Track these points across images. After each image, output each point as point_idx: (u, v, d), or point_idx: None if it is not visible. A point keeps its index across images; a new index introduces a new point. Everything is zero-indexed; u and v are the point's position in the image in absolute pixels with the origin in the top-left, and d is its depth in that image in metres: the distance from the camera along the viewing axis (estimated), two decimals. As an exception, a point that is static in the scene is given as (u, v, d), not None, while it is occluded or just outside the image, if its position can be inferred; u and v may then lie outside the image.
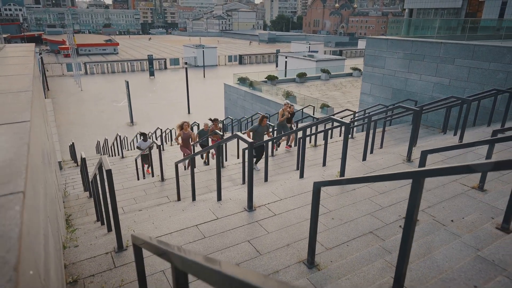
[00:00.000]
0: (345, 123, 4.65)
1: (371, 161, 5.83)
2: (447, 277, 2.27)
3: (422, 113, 7.22)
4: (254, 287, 0.70)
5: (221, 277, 0.87)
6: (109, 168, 2.99)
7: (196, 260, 1.04)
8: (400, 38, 12.45)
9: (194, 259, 1.05)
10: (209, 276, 0.94)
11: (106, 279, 2.87)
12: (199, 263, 1.01)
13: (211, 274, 0.93)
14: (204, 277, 1.00)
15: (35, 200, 1.57)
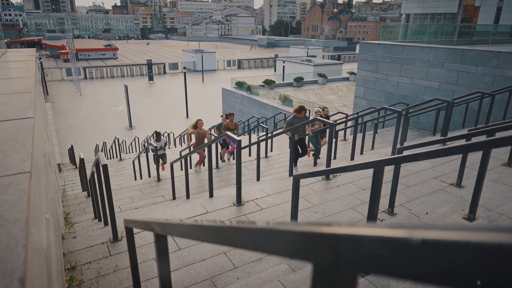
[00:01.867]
0: (330, 123, 4.91)
1: (358, 161, 6.08)
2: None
3: (409, 115, 7.48)
4: (207, 227, 0.95)
5: (188, 229, 1.12)
6: (105, 163, 3.23)
7: (171, 223, 1.28)
8: (391, 43, 12.76)
9: (169, 222, 1.30)
10: (181, 231, 1.19)
11: (101, 265, 3.10)
12: (173, 224, 1.26)
13: (181, 229, 1.18)
14: (177, 233, 1.25)
15: (38, 180, 1.81)
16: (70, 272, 3.04)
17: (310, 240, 0.52)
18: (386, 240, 0.40)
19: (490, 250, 0.31)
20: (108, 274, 3.00)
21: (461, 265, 0.32)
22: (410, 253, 0.37)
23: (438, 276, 0.35)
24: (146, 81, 47.91)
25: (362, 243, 0.43)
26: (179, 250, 3.39)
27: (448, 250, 0.33)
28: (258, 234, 0.67)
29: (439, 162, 5.61)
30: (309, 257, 0.52)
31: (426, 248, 0.36)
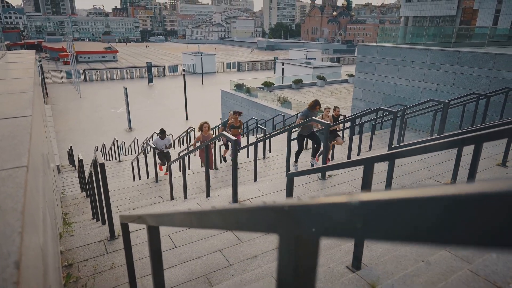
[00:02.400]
0: (325, 123, 4.97)
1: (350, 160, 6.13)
2: (400, 254, 2.56)
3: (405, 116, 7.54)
4: (191, 213, 1.00)
5: (175, 217, 1.17)
6: (102, 162, 3.28)
7: (161, 214, 1.34)
8: (389, 45, 12.84)
9: (159, 213, 1.36)
10: (169, 220, 1.24)
11: (98, 263, 3.15)
12: (162, 214, 1.31)
13: (170, 218, 1.23)
14: (166, 223, 1.30)
15: (35, 175, 1.87)
16: (67, 269, 3.08)
17: (274, 215, 0.57)
18: (334, 206, 0.45)
19: (410, 204, 0.37)
20: (105, 271, 3.05)
21: (385, 220, 0.38)
22: (353, 213, 0.43)
23: (374, 230, 0.40)
24: (146, 83, 48.01)
25: (316, 211, 0.49)
26: (175, 248, 3.44)
27: (376, 208, 0.39)
28: (233, 215, 0.72)
29: (434, 162, 5.67)
30: (274, 229, 0.58)
31: (363, 207, 0.41)
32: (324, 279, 2.42)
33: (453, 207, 0.33)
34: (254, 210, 0.64)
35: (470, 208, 0.31)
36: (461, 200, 0.32)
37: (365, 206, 0.41)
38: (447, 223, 0.33)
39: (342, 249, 2.96)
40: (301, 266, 0.54)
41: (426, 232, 0.36)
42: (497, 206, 0.29)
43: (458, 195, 0.32)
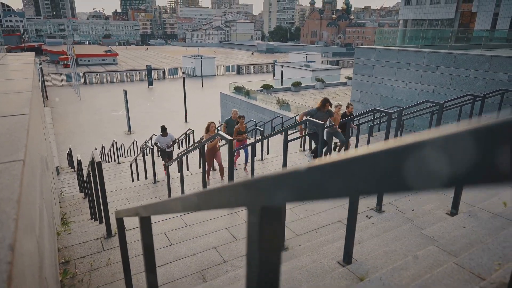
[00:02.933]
0: (319, 123, 5.03)
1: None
2: (390, 249, 2.62)
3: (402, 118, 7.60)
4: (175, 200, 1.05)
5: (162, 205, 1.23)
6: (99, 161, 3.34)
7: (150, 204, 1.39)
8: (386, 47, 12.93)
9: (149, 204, 1.41)
10: (158, 208, 1.30)
11: (94, 259, 3.20)
12: (152, 204, 1.36)
13: (158, 207, 1.29)
14: (156, 212, 1.35)
15: (32, 169, 1.92)
16: (64, 266, 3.13)
17: (243, 190, 0.63)
18: (290, 175, 0.51)
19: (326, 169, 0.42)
20: (101, 267, 3.10)
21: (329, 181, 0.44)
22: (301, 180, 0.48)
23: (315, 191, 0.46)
24: (146, 86, 48.12)
25: (275, 183, 0.55)
26: (171, 245, 3.48)
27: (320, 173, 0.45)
28: (209, 195, 0.78)
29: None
30: (244, 203, 0.64)
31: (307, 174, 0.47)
32: (315, 273, 2.47)
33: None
34: (227, 188, 0.69)
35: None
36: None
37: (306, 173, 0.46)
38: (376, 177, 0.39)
39: (335, 245, 3.01)
40: (267, 233, 0.60)
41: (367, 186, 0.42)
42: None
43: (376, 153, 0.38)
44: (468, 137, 0.31)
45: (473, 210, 3.15)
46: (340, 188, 0.42)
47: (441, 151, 0.33)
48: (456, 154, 0.32)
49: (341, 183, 0.42)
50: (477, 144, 0.30)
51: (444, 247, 2.38)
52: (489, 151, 0.29)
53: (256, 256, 0.61)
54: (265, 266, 0.62)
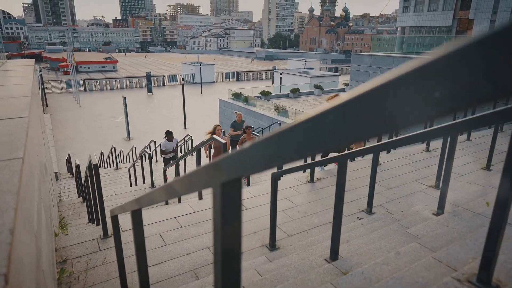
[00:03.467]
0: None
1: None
2: (375, 247, 2.72)
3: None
4: (159, 190, 1.16)
5: (149, 196, 1.34)
6: (96, 163, 3.44)
7: (140, 197, 1.50)
8: (381, 54, 13.12)
9: (138, 198, 1.52)
10: (146, 200, 1.41)
11: (91, 258, 3.29)
12: (141, 197, 1.47)
13: (146, 199, 1.40)
14: (145, 204, 1.46)
15: (30, 168, 2.03)
16: (61, 265, 3.22)
17: (208, 171, 0.74)
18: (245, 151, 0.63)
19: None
20: (97, 266, 3.19)
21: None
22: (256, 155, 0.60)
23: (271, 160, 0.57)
24: (145, 93, 48.35)
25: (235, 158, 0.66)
26: (166, 245, 3.58)
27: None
28: (184, 180, 0.89)
29: (420, 166, 5.83)
30: (209, 183, 0.75)
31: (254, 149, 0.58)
32: (302, 269, 2.57)
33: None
34: (195, 172, 0.81)
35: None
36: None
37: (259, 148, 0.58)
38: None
39: (324, 244, 3.11)
40: (229, 206, 0.71)
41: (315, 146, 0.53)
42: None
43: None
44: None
45: (457, 210, 3.26)
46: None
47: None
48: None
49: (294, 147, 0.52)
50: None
51: (426, 244, 2.48)
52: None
53: (219, 228, 0.72)
54: (228, 238, 0.74)
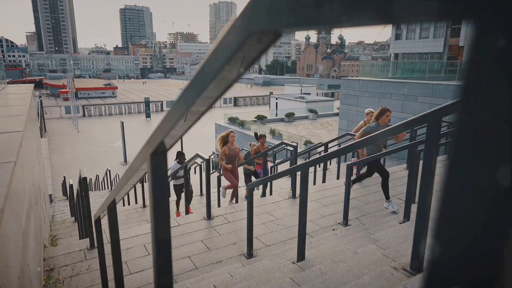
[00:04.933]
0: (293, 145, 5.46)
1: (324, 184, 6.56)
2: (339, 249, 2.94)
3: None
4: (123, 178, 1.43)
5: (118, 187, 1.60)
6: (85, 176, 3.70)
7: (111, 192, 1.76)
8: (369, 79, 13.64)
9: (110, 193, 1.78)
10: (116, 191, 1.67)
11: (77, 266, 3.48)
12: (112, 192, 1.74)
13: (117, 190, 1.66)
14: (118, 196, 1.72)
15: (22, 172, 2.30)
16: (48, 273, 3.41)
17: (142, 149, 1.02)
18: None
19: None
20: (82, 274, 3.38)
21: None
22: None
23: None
24: (144, 118, 48.96)
25: (157, 136, 0.94)
26: (148, 255, 3.78)
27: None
28: (131, 166, 1.17)
29: (399, 183, 6.09)
30: (144, 157, 1.02)
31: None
32: (269, 270, 2.78)
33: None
34: (137, 156, 1.08)
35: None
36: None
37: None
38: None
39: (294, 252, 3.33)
40: (157, 170, 0.98)
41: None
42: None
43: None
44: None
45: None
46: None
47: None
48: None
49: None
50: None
51: (382, 245, 2.71)
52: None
53: (151, 191, 0.99)
54: (157, 195, 1.00)
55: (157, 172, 0.98)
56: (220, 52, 0.55)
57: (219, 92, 0.66)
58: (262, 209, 4.98)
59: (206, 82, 0.61)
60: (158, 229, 1.03)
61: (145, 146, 1.00)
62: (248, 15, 0.46)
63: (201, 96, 0.67)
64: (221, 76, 0.58)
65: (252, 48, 0.49)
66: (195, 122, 0.81)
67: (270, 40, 0.48)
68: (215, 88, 0.63)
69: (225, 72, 0.57)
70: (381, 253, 2.39)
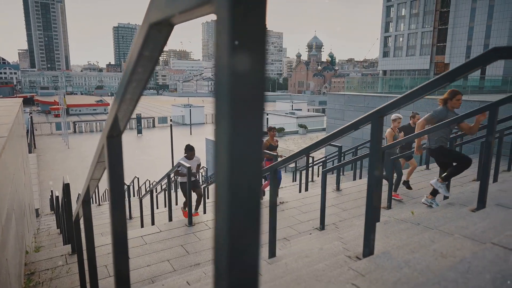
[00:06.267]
0: (273, 155, 5.65)
1: (309, 192, 6.73)
2: (307, 247, 3.10)
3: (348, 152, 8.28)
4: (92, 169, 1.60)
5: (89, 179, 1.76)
6: (68, 183, 3.82)
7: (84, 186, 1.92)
8: (354, 93, 14.03)
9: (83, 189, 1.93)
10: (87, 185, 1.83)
11: (57, 269, 3.57)
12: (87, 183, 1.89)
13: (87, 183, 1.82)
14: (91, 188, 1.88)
15: (3, 171, 2.44)
16: (29, 276, 3.49)
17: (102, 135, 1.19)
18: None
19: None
20: (62, 277, 3.46)
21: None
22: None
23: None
24: (135, 134, 48.93)
25: (112, 121, 1.12)
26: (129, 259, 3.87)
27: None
28: (94, 157, 1.34)
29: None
30: (103, 140, 1.20)
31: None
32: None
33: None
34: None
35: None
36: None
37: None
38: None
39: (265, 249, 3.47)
40: (113, 152, 1.15)
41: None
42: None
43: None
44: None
45: (388, 219, 3.68)
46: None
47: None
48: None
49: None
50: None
51: (345, 242, 2.88)
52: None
53: (108, 173, 1.16)
54: (114, 176, 1.17)
55: (113, 154, 1.15)
56: (134, 46, 0.73)
57: (142, 81, 0.83)
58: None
59: (131, 73, 0.79)
60: (115, 211, 1.19)
61: (103, 130, 1.17)
62: (147, 11, 0.64)
63: (130, 86, 0.85)
64: (139, 67, 0.76)
65: (154, 39, 0.68)
66: (134, 106, 0.97)
67: (167, 31, 0.67)
68: (138, 76, 0.81)
69: (140, 63, 0.75)
70: (342, 247, 2.56)
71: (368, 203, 2.06)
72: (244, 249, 0.36)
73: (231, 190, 0.34)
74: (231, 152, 0.34)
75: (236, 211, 0.35)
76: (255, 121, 0.36)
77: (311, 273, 1.91)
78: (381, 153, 2.16)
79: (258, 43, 0.34)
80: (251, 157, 0.36)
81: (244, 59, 0.34)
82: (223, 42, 0.33)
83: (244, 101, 0.36)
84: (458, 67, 1.87)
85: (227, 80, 0.33)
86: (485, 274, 1.24)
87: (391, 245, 2.23)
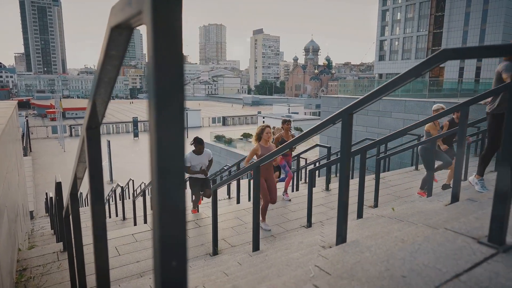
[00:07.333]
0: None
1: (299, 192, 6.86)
2: (290, 242, 3.22)
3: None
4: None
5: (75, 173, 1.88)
6: (60, 181, 3.92)
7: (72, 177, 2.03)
8: (347, 96, 14.20)
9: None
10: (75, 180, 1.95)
11: (48, 266, 3.67)
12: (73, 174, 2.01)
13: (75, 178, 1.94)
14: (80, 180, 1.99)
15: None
16: (21, 272, 3.59)
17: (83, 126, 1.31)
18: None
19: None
20: (53, 273, 3.56)
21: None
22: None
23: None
24: (131, 137, 48.97)
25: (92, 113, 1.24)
26: (119, 255, 3.98)
27: None
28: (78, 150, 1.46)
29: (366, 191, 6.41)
30: (83, 132, 1.32)
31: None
32: (225, 260, 3.04)
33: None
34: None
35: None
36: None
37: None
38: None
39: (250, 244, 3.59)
40: (92, 143, 1.27)
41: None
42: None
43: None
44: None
45: (371, 216, 3.81)
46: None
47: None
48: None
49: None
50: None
51: (325, 235, 3.00)
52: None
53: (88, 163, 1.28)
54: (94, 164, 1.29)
55: (92, 145, 1.26)
56: (104, 48, 0.86)
57: (112, 78, 0.95)
58: (232, 215, 5.24)
59: (101, 71, 0.91)
60: (95, 201, 1.31)
61: (83, 123, 1.29)
62: (109, 15, 0.77)
63: (102, 82, 0.97)
64: (108, 65, 0.88)
65: (116, 41, 0.80)
66: (108, 100, 1.09)
67: (127, 33, 0.79)
68: (108, 73, 0.93)
69: (108, 62, 0.87)
70: (320, 239, 2.68)
71: (341, 197, 2.19)
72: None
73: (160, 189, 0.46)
74: (157, 144, 0.46)
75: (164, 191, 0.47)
76: (175, 114, 0.48)
77: (285, 261, 2.04)
78: (350, 148, 2.29)
79: (175, 46, 0.46)
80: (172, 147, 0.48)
81: (163, 61, 0.47)
82: (150, 47, 0.46)
83: (165, 94, 0.48)
84: (413, 68, 2.02)
85: (152, 79, 0.46)
86: (431, 253, 1.37)
87: (363, 236, 2.36)
